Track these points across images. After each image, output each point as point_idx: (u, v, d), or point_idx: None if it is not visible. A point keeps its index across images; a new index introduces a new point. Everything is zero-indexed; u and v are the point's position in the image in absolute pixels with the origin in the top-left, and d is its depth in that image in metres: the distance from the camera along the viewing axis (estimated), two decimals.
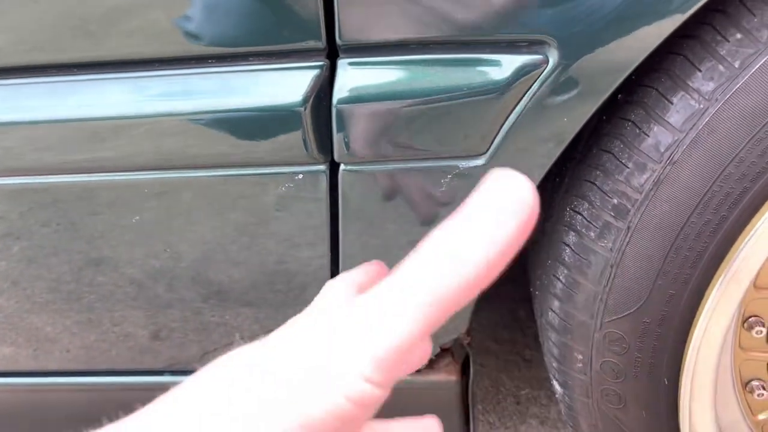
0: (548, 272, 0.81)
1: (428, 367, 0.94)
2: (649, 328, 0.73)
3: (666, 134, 0.66)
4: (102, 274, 0.85)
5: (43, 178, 0.75)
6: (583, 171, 0.74)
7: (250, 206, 0.75)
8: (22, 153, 0.72)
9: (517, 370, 1.40)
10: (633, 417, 0.80)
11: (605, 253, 0.72)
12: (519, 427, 1.29)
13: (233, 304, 0.87)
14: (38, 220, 0.80)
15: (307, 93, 0.64)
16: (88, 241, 0.81)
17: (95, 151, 0.71)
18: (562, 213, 0.78)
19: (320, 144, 0.67)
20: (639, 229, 0.69)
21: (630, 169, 0.69)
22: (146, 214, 0.77)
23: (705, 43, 0.64)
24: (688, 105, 0.64)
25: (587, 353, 0.78)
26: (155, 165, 0.72)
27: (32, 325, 0.92)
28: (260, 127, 0.67)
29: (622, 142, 0.69)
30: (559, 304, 0.79)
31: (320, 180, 0.71)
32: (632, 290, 0.72)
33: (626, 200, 0.69)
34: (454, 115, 0.64)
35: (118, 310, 0.89)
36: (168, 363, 0.96)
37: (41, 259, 0.84)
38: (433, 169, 0.69)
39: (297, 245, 0.79)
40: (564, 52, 0.61)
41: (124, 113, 0.67)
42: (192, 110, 0.66)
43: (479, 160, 0.68)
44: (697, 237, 0.68)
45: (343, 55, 0.64)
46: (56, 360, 0.97)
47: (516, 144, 0.66)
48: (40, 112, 0.70)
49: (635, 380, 0.77)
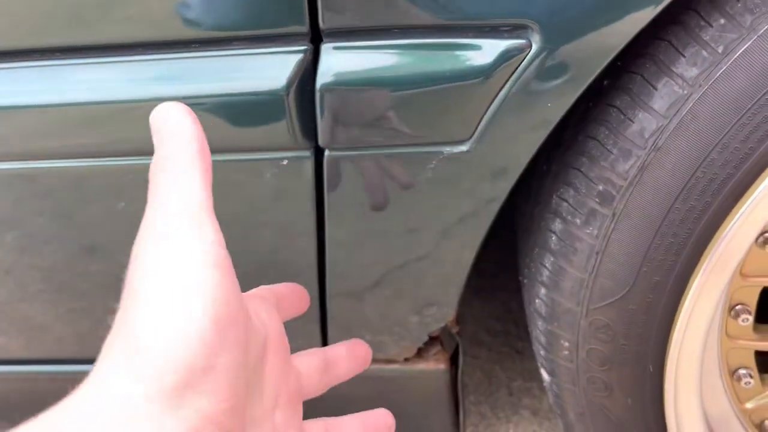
0: (535, 260, 0.81)
1: (417, 356, 0.95)
2: (634, 315, 0.73)
3: (650, 120, 0.66)
4: (96, 262, 0.85)
5: (35, 164, 0.75)
6: (569, 158, 0.74)
7: (236, 193, 0.75)
8: (13, 138, 0.72)
9: (510, 361, 1.41)
10: (619, 405, 0.80)
11: (591, 240, 0.72)
12: (511, 417, 1.29)
13: None
14: (32, 209, 0.80)
15: (291, 78, 0.64)
16: (81, 229, 0.81)
17: (83, 136, 0.71)
18: (548, 200, 0.78)
19: (304, 129, 0.67)
20: (624, 215, 0.69)
21: (615, 156, 0.68)
22: (137, 201, 0.77)
23: (689, 28, 0.64)
24: (672, 91, 0.64)
25: (573, 341, 0.78)
26: (142, 150, 0.72)
27: (25, 314, 0.93)
28: (244, 113, 0.67)
29: (608, 128, 0.69)
30: (546, 292, 0.79)
31: (305, 166, 0.71)
32: (618, 277, 0.72)
33: (611, 187, 0.69)
34: (438, 100, 0.64)
35: (112, 299, 0.89)
36: None
37: (34, 248, 0.84)
38: (418, 155, 0.69)
39: (284, 233, 0.79)
40: (547, 37, 0.61)
41: (105, 98, 0.67)
42: (176, 95, 0.66)
43: (463, 146, 0.67)
44: (681, 223, 0.68)
45: (327, 40, 0.64)
46: (49, 349, 0.97)
47: (501, 129, 0.66)
48: (30, 97, 0.70)
49: (621, 368, 0.77)
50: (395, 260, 0.80)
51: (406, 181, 0.71)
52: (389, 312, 0.87)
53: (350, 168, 0.70)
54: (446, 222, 0.75)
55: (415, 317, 0.87)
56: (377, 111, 0.65)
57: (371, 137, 0.67)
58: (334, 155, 0.69)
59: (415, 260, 0.80)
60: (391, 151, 0.68)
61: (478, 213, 0.74)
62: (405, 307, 0.86)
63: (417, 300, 0.85)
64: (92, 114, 0.69)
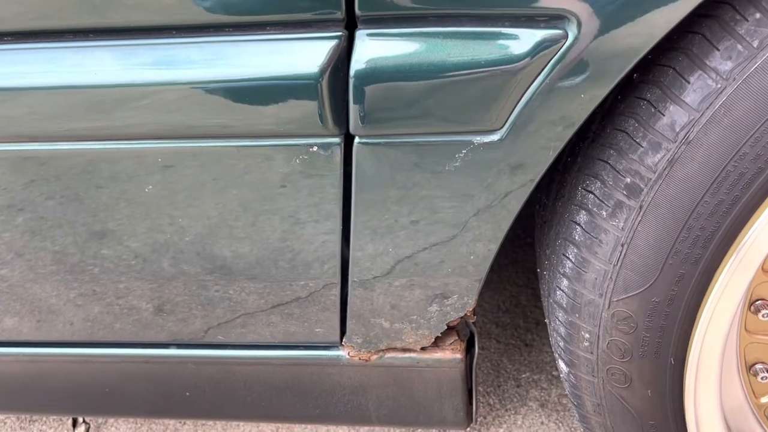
0: (558, 251, 0.81)
1: (434, 345, 0.95)
2: (657, 307, 0.74)
3: (682, 113, 0.66)
4: (106, 247, 0.85)
5: (47, 145, 0.75)
6: (596, 150, 0.74)
7: (263, 179, 0.75)
8: (25, 119, 0.72)
9: (518, 354, 1.41)
10: (638, 396, 0.81)
11: (616, 232, 0.72)
12: (519, 409, 1.30)
13: (238, 278, 0.87)
14: (42, 193, 0.79)
15: (325, 64, 0.64)
16: (92, 213, 0.81)
17: (106, 119, 0.71)
18: (574, 192, 0.78)
19: (336, 116, 0.67)
20: (651, 208, 0.69)
21: (644, 149, 0.69)
22: (157, 186, 0.77)
23: (724, 22, 0.64)
24: (705, 84, 0.64)
25: (594, 332, 0.79)
26: (167, 134, 0.72)
27: (36, 296, 0.92)
28: (276, 98, 0.67)
29: (637, 121, 0.69)
30: (568, 283, 0.79)
31: (335, 152, 0.71)
32: (642, 269, 0.72)
33: (639, 179, 0.69)
34: (471, 89, 0.64)
35: (122, 283, 0.89)
36: (172, 337, 0.96)
37: (45, 231, 0.84)
38: (449, 144, 0.69)
39: (308, 220, 0.79)
40: (584, 27, 0.61)
41: (138, 80, 0.67)
42: (210, 79, 0.66)
43: (494, 135, 0.68)
44: (709, 217, 0.68)
45: (362, 26, 0.64)
46: (60, 332, 0.97)
47: (533, 120, 0.66)
48: (46, 78, 0.69)
49: (642, 360, 0.78)
50: (418, 249, 0.80)
51: (435, 170, 0.71)
52: (409, 300, 0.87)
53: (379, 156, 0.70)
54: (473, 212, 0.75)
55: (434, 306, 0.88)
56: (410, 99, 0.65)
57: (403, 125, 0.67)
58: (365, 142, 0.69)
59: (438, 250, 0.80)
60: (421, 139, 0.69)
61: (504, 204, 0.74)
62: (425, 296, 0.86)
63: (438, 289, 0.85)
64: (122, 96, 0.68)
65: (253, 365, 1.00)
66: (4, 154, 0.76)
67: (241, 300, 0.91)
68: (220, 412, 1.08)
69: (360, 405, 1.03)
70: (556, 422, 1.27)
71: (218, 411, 1.08)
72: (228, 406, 1.06)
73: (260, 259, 0.84)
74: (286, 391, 1.03)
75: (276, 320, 0.93)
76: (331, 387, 1.01)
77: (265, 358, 0.99)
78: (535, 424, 1.27)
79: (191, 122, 0.69)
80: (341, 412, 1.04)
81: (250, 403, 1.05)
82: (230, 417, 1.16)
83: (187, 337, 0.96)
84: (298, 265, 0.85)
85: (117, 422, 1.31)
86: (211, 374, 1.02)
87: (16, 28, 0.67)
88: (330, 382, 1.00)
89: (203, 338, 0.96)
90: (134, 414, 1.21)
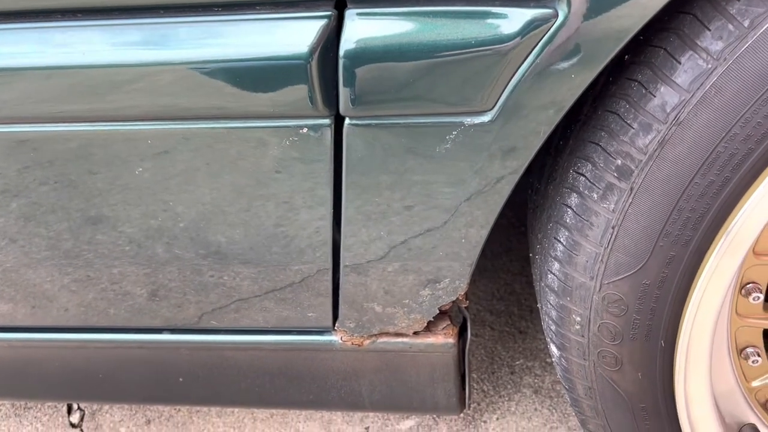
0: (549, 235, 0.81)
1: (426, 330, 0.95)
2: (648, 290, 0.74)
3: (672, 94, 0.66)
4: (100, 232, 0.84)
5: (40, 127, 0.74)
6: (587, 133, 0.74)
7: (251, 162, 0.74)
8: (18, 100, 0.72)
9: (513, 341, 1.42)
10: (629, 379, 0.81)
11: (607, 215, 0.72)
12: (513, 396, 1.30)
13: (232, 263, 0.87)
14: (37, 178, 0.79)
15: (314, 44, 0.64)
16: (86, 199, 0.81)
17: (94, 101, 0.71)
18: (565, 175, 0.78)
19: (326, 97, 0.67)
20: (642, 190, 0.69)
21: (635, 130, 0.69)
22: (146, 169, 0.77)
23: (715, 2, 0.64)
24: (696, 65, 0.64)
25: (585, 315, 0.79)
26: (156, 115, 0.72)
27: (30, 282, 0.92)
28: (265, 78, 0.66)
29: (628, 102, 0.69)
30: (559, 267, 0.79)
31: (325, 134, 0.70)
32: (633, 251, 0.72)
33: (630, 161, 0.69)
34: (461, 68, 0.64)
35: (116, 268, 0.89)
36: (166, 322, 0.96)
37: (39, 217, 0.83)
38: (439, 125, 0.69)
39: (299, 204, 0.79)
40: (575, 7, 0.60)
41: (124, 61, 0.66)
42: (195, 59, 0.66)
43: (485, 116, 0.67)
44: (699, 198, 0.68)
45: (351, 5, 0.63)
46: (54, 317, 0.97)
47: (523, 100, 0.66)
48: (39, 58, 0.69)
49: (632, 342, 0.78)
50: (410, 233, 0.80)
51: (426, 152, 0.71)
52: (401, 285, 0.87)
53: (370, 137, 0.70)
54: (464, 196, 0.75)
55: (426, 290, 0.88)
56: (400, 79, 0.65)
57: (393, 106, 0.67)
58: (355, 124, 0.69)
59: (430, 234, 0.80)
60: (412, 120, 0.68)
61: (496, 187, 0.74)
62: (417, 281, 0.86)
63: (429, 273, 0.85)
64: (109, 76, 0.68)
65: (246, 350, 1.00)
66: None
67: (235, 285, 0.91)
68: (214, 398, 1.09)
69: (353, 390, 1.03)
70: (550, 408, 1.27)
71: (212, 397, 1.08)
72: (222, 392, 1.06)
73: (251, 243, 0.84)
74: (279, 377, 1.03)
75: (269, 305, 0.93)
76: (324, 372, 1.01)
77: (258, 343, 0.99)
78: (529, 411, 1.28)
79: (178, 103, 0.69)
80: (334, 398, 1.04)
81: (243, 389, 1.05)
82: (224, 403, 1.16)
83: (181, 323, 0.96)
84: (290, 250, 0.85)
85: (112, 409, 1.31)
86: (205, 360, 1.02)
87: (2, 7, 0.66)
88: (323, 368, 1.01)
89: (197, 323, 0.96)
90: (128, 400, 1.21)
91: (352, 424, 1.26)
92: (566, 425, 1.24)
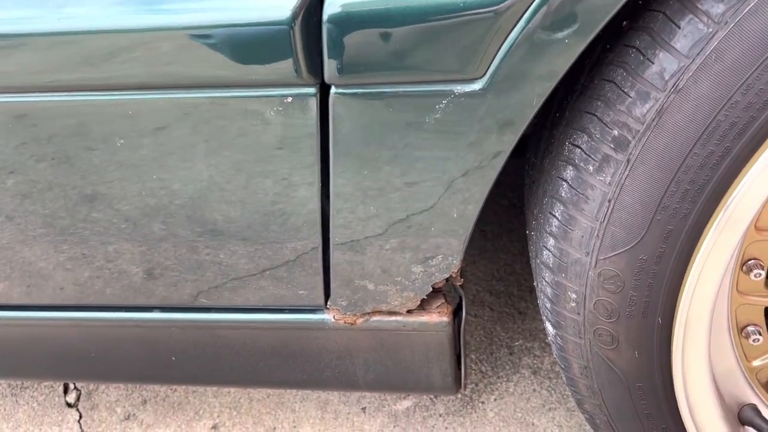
0: (544, 210, 0.79)
1: (420, 308, 0.93)
2: (645, 265, 0.72)
3: (671, 60, 0.63)
4: (96, 210, 0.83)
5: (33, 97, 0.73)
6: (583, 103, 0.72)
7: (233, 134, 0.72)
8: (12, 68, 0.70)
9: (512, 321, 1.40)
10: (625, 358, 0.79)
11: (603, 188, 0.70)
12: (512, 376, 1.29)
13: (227, 239, 0.85)
14: (33, 155, 0.78)
15: (297, 8, 0.62)
16: (83, 176, 0.79)
17: (83, 69, 0.69)
18: (561, 148, 0.75)
19: (310, 64, 0.65)
20: (639, 161, 0.67)
21: (632, 99, 0.66)
22: (126, 139, 0.75)
23: None
24: (696, 29, 0.61)
25: (581, 292, 0.77)
26: (142, 83, 0.70)
27: (26, 260, 0.91)
28: (246, 45, 0.64)
29: (625, 70, 0.66)
30: (554, 242, 0.77)
31: (310, 103, 0.68)
32: (630, 226, 0.70)
33: (627, 131, 0.67)
34: (450, 33, 0.61)
35: (112, 245, 0.87)
36: (162, 301, 0.95)
37: (36, 194, 0.82)
38: (428, 94, 0.66)
39: (285, 180, 0.77)
40: None
41: (105, 27, 0.64)
42: (175, 25, 0.63)
43: (476, 84, 0.65)
44: (699, 170, 0.65)
45: None
46: (49, 296, 0.96)
47: (515, 67, 0.63)
48: (27, 25, 0.67)
49: (629, 320, 0.76)
50: (400, 208, 0.78)
51: (415, 123, 0.68)
52: (393, 262, 0.85)
53: (358, 107, 0.68)
54: (455, 169, 0.73)
55: (418, 267, 0.86)
56: (386, 44, 0.62)
57: (380, 73, 0.64)
58: (341, 93, 0.67)
59: (421, 209, 0.78)
60: (400, 89, 0.66)
61: (488, 160, 0.72)
62: (409, 257, 0.84)
63: (421, 250, 0.83)
64: (88, 43, 0.66)
65: (240, 329, 0.99)
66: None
67: (232, 264, 0.89)
68: (207, 377, 1.08)
69: (347, 370, 1.02)
70: (548, 389, 1.26)
71: (205, 376, 1.07)
72: (215, 371, 1.05)
73: (240, 218, 0.82)
74: (273, 356, 1.01)
75: (260, 283, 0.91)
76: (318, 351, 1.00)
77: (251, 321, 0.97)
78: (527, 391, 1.26)
79: (157, 71, 0.67)
80: (329, 377, 1.03)
81: (237, 368, 1.04)
82: (217, 382, 1.15)
83: (176, 301, 0.95)
84: (279, 227, 0.83)
85: (108, 389, 1.31)
86: (198, 339, 1.01)
87: None
88: (317, 347, 0.99)
89: (193, 302, 0.95)
90: (123, 380, 1.20)
91: (349, 404, 1.25)
92: (565, 406, 1.23)
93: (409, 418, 1.22)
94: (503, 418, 1.22)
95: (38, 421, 1.26)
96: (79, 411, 1.28)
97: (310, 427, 1.22)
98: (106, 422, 1.25)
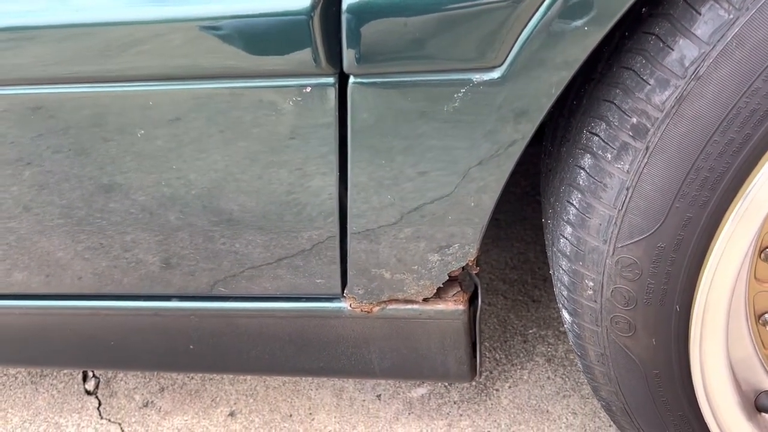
0: (561, 198, 0.79)
1: (436, 296, 0.94)
2: (663, 253, 0.72)
3: (692, 47, 0.63)
4: (113, 200, 0.84)
5: (49, 89, 0.73)
6: (602, 90, 0.72)
7: (252, 125, 0.73)
8: (29, 60, 0.70)
9: (526, 310, 1.40)
10: (642, 345, 0.79)
11: (621, 176, 0.70)
12: (526, 364, 1.29)
13: (243, 229, 0.86)
14: (50, 146, 0.79)
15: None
16: (99, 167, 0.80)
17: (101, 61, 0.69)
18: (578, 136, 0.75)
19: (329, 54, 0.65)
20: (658, 149, 0.67)
21: (651, 86, 0.66)
22: (146, 130, 0.75)
23: None
24: (717, 15, 0.61)
25: (598, 280, 0.77)
26: (159, 75, 0.70)
27: (44, 250, 0.92)
28: (265, 35, 0.64)
29: (645, 57, 0.66)
30: (572, 230, 0.77)
31: (329, 93, 0.68)
32: (648, 213, 0.70)
33: (646, 119, 0.67)
34: (469, 22, 0.61)
35: (129, 234, 0.88)
36: (179, 290, 0.96)
37: (53, 185, 0.83)
38: (446, 83, 0.66)
39: (304, 169, 0.77)
40: None
41: (121, 18, 0.65)
42: (194, 16, 0.64)
43: (494, 72, 0.65)
44: (718, 157, 0.65)
45: None
46: (68, 285, 0.97)
47: (534, 55, 0.63)
48: (43, 17, 0.67)
49: (646, 307, 0.76)
50: (418, 197, 0.78)
51: (433, 112, 0.68)
52: (409, 250, 0.85)
53: (376, 97, 0.68)
54: (473, 158, 0.73)
55: (435, 256, 0.86)
56: (405, 33, 0.62)
57: (399, 63, 0.65)
58: (360, 82, 0.67)
59: (439, 198, 0.78)
60: (419, 78, 0.66)
61: (506, 148, 0.72)
62: (426, 246, 0.85)
63: (438, 239, 0.83)
64: (104, 35, 0.67)
65: (256, 317, 1.00)
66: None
67: (248, 253, 0.90)
68: (224, 365, 1.09)
69: (363, 358, 1.02)
70: (563, 377, 1.26)
71: (222, 364, 1.08)
72: (232, 359, 1.06)
73: (258, 208, 0.83)
74: (289, 344, 1.02)
75: (276, 272, 0.92)
76: (335, 339, 1.01)
77: (268, 310, 0.98)
78: (542, 379, 1.27)
79: (177, 63, 0.67)
80: (345, 365, 1.04)
81: (254, 356, 1.05)
82: (234, 370, 1.16)
83: (193, 290, 0.96)
84: (298, 216, 0.83)
85: (126, 377, 1.33)
86: (215, 327, 1.02)
87: None
88: (333, 335, 1.00)
89: (210, 291, 0.96)
90: (141, 368, 1.22)
91: (364, 391, 1.26)
92: (579, 393, 1.23)
93: (424, 406, 1.23)
94: (518, 405, 1.23)
95: (58, 408, 1.28)
96: (98, 398, 1.30)
97: (326, 414, 1.23)
98: (125, 409, 1.27)
